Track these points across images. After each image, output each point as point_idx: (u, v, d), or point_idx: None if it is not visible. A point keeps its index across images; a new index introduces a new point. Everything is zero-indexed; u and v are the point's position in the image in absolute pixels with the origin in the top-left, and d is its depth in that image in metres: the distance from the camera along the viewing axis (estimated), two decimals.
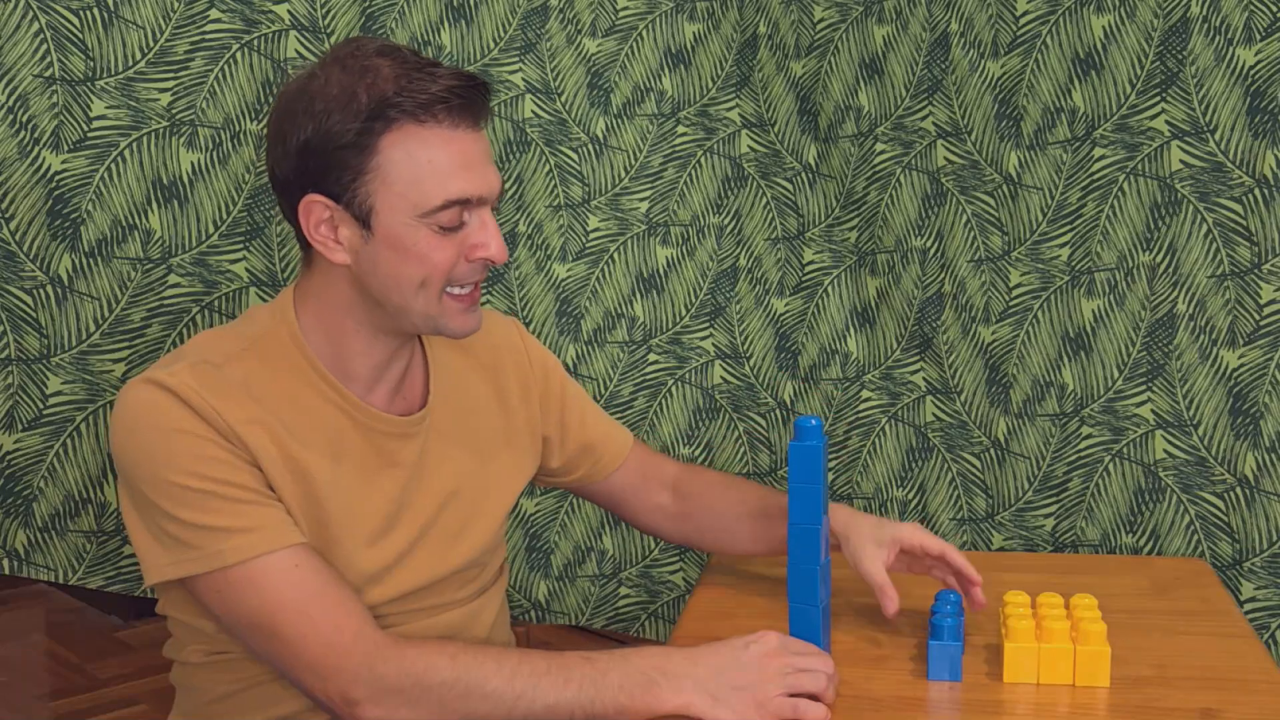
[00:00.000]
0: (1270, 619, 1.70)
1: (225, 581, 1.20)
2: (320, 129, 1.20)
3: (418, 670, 1.18)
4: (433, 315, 1.26)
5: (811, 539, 1.27)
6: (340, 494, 1.27)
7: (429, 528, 1.34)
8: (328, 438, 1.27)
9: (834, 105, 1.91)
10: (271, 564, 1.19)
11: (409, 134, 1.20)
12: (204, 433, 1.19)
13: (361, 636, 1.19)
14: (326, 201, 1.22)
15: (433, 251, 1.23)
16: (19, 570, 1.59)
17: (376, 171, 1.20)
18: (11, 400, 1.52)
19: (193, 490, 1.18)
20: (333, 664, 1.18)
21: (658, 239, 1.93)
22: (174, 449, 1.18)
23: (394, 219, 1.21)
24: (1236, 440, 1.70)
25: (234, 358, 1.25)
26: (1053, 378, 1.79)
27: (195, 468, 1.18)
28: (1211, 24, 1.66)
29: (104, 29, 1.51)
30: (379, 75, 1.20)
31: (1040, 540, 1.82)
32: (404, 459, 1.32)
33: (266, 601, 1.19)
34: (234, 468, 1.20)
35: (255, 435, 1.22)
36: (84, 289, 1.54)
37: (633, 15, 1.90)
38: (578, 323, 1.90)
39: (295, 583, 1.19)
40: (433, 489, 1.35)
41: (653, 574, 1.96)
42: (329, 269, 1.27)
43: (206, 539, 1.19)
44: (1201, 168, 1.69)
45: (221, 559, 1.19)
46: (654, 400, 1.92)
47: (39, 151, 1.49)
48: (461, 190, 1.22)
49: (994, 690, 1.29)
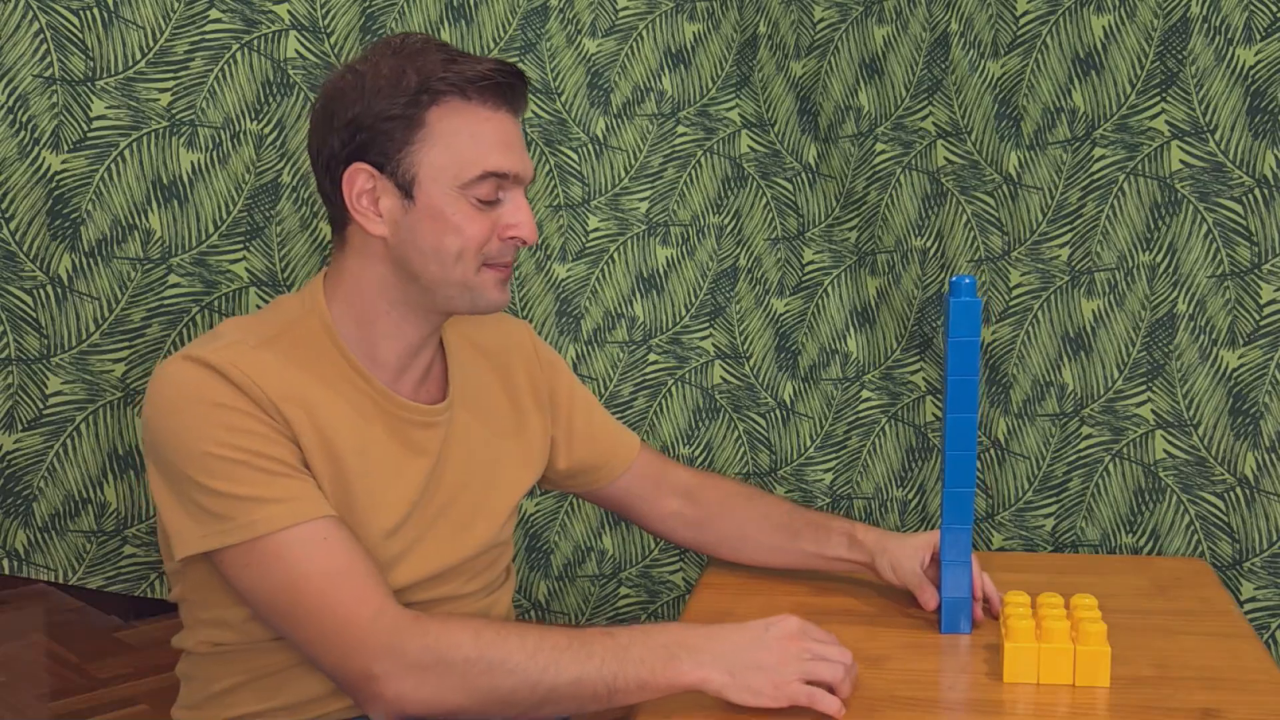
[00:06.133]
0: (1270, 619, 1.70)
1: (255, 553, 1.20)
2: (370, 104, 1.26)
3: (440, 647, 1.18)
4: (470, 285, 1.30)
5: (970, 390, 1.39)
6: (367, 480, 1.28)
7: (440, 517, 1.35)
8: (356, 424, 1.29)
9: (834, 105, 1.91)
10: (301, 535, 1.20)
11: (455, 108, 1.27)
12: (243, 405, 1.21)
13: (384, 613, 1.19)
14: (371, 171, 1.27)
15: (468, 224, 1.27)
16: (19, 570, 1.59)
17: (422, 143, 1.26)
18: (11, 400, 1.52)
19: (228, 460, 1.19)
20: (355, 640, 1.18)
21: (658, 239, 1.93)
22: (211, 420, 1.20)
23: (435, 188, 1.27)
24: (1236, 440, 1.70)
25: (268, 341, 1.27)
26: (1053, 378, 1.79)
27: (231, 439, 1.20)
28: (1211, 24, 1.66)
29: (104, 29, 1.51)
30: (427, 58, 1.27)
31: (1040, 540, 1.82)
32: (429, 447, 1.35)
33: (292, 575, 1.20)
34: (271, 440, 1.22)
35: (293, 411, 1.24)
36: (84, 289, 1.54)
37: (633, 15, 1.90)
38: (578, 323, 1.90)
39: (322, 556, 1.20)
40: (449, 479, 1.36)
41: (653, 574, 1.96)
42: (364, 246, 1.30)
43: (239, 509, 1.19)
44: (1202, 168, 1.69)
45: (253, 529, 1.19)
46: (654, 400, 1.92)
47: (39, 151, 1.49)
48: (499, 164, 1.28)
49: (994, 690, 1.29)
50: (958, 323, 1.36)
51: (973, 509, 1.40)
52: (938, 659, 1.38)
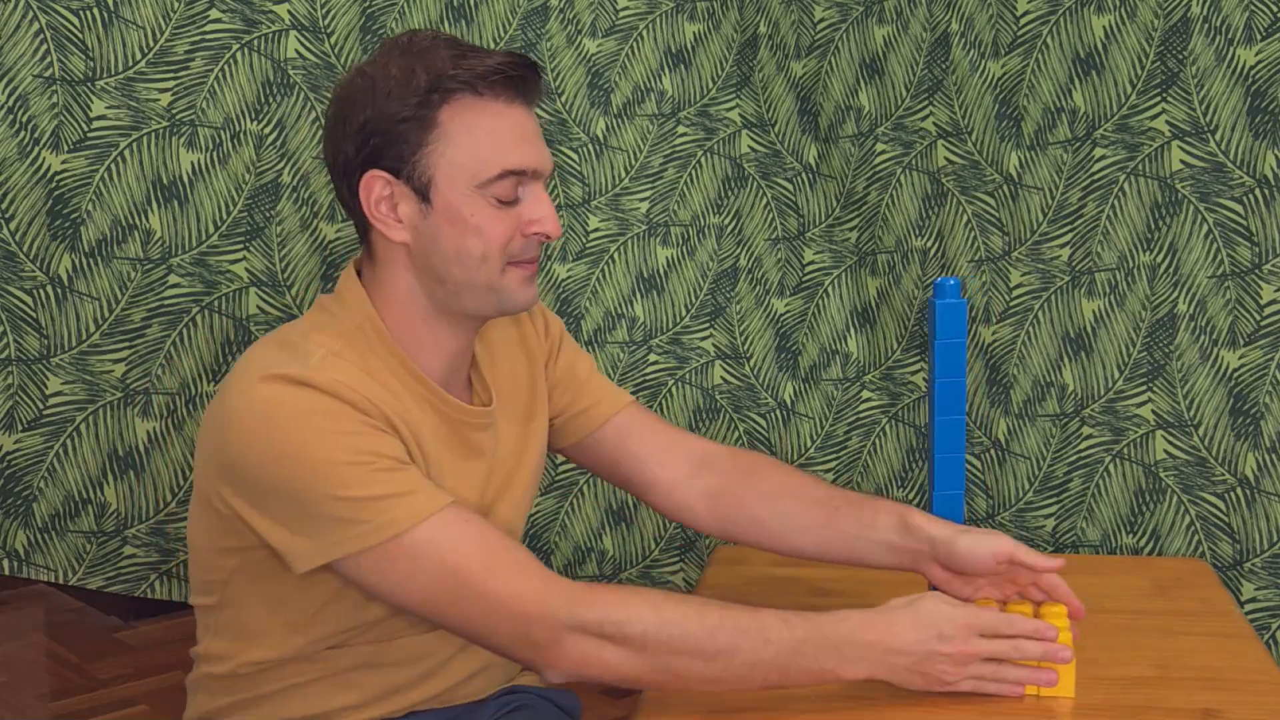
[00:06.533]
0: (1271, 619, 1.70)
1: (398, 551, 1.18)
2: (380, 107, 1.23)
3: (620, 617, 1.18)
4: (496, 287, 1.27)
5: (958, 392, 1.39)
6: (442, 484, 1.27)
7: (489, 515, 1.34)
8: (429, 428, 1.28)
9: (834, 105, 1.91)
10: (442, 523, 1.19)
11: (467, 105, 1.24)
12: (345, 411, 1.19)
13: (550, 580, 1.20)
14: (387, 177, 1.25)
15: (490, 225, 1.25)
16: (19, 570, 1.59)
17: (436, 144, 1.23)
18: (11, 400, 1.52)
19: (350, 465, 1.17)
20: (531, 609, 1.18)
21: (658, 239, 1.92)
22: (321, 430, 1.18)
23: (453, 190, 1.24)
24: (1237, 441, 1.70)
25: (338, 353, 1.24)
26: (1053, 378, 1.79)
27: (346, 444, 1.18)
28: (1212, 24, 1.66)
29: (104, 29, 1.51)
30: (436, 55, 1.24)
31: (1040, 541, 1.82)
32: (485, 448, 1.34)
33: (449, 560, 1.18)
34: (383, 439, 1.20)
35: (390, 409, 1.22)
36: (84, 289, 1.54)
37: (633, 15, 1.90)
38: (578, 323, 1.90)
39: (474, 536, 1.19)
40: (497, 478, 1.36)
41: (653, 574, 1.96)
42: (389, 254, 1.28)
43: (372, 511, 1.17)
44: (1202, 168, 1.69)
45: (394, 526, 1.17)
46: (654, 400, 1.92)
47: (39, 151, 1.49)
48: (518, 161, 1.25)
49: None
50: (944, 325, 1.36)
51: (963, 510, 1.40)
52: None
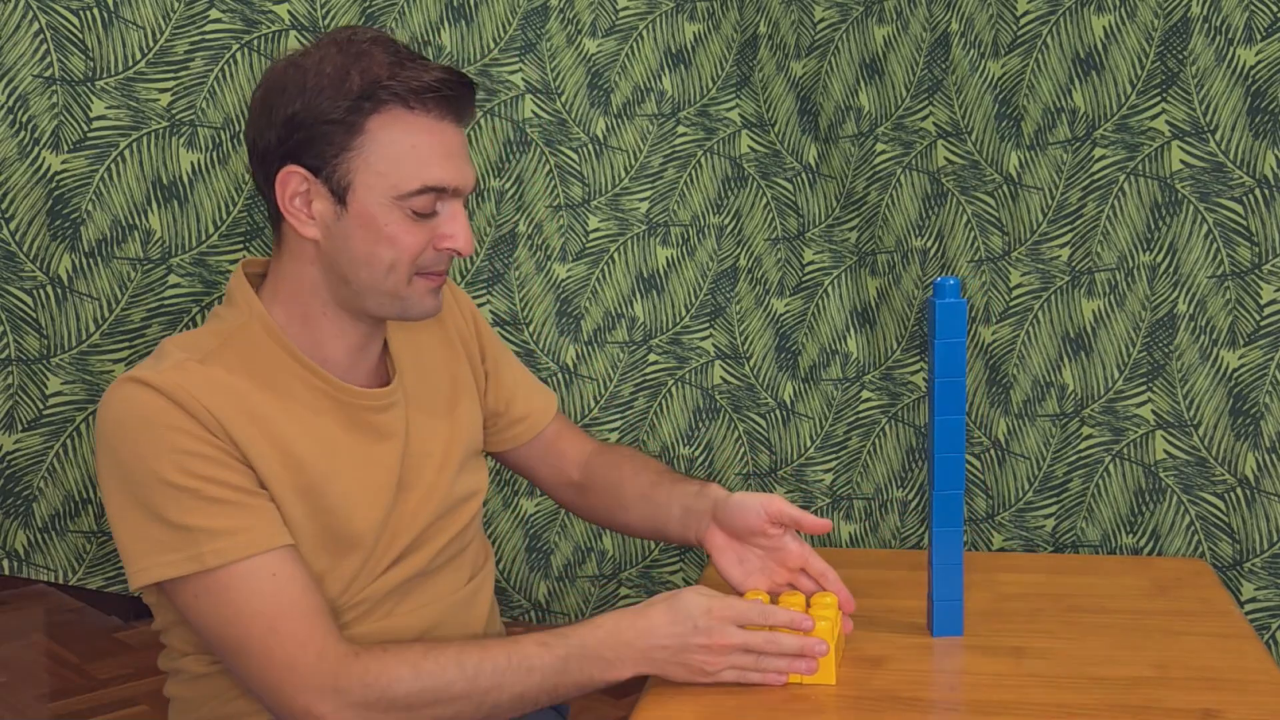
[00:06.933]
0: (1271, 619, 1.70)
1: (203, 586, 1.19)
2: (309, 104, 1.22)
3: (381, 684, 1.19)
4: (400, 296, 1.28)
5: (957, 392, 1.38)
6: (340, 480, 1.28)
7: (412, 487, 1.34)
8: (315, 426, 1.28)
9: (834, 105, 1.91)
10: (249, 570, 1.19)
11: (397, 117, 1.24)
12: (192, 429, 1.19)
13: (326, 654, 1.19)
14: (305, 174, 1.25)
15: (403, 235, 1.25)
16: (19, 570, 1.59)
17: (360, 150, 1.23)
18: (11, 400, 1.52)
19: (178, 488, 1.17)
20: (299, 681, 1.18)
21: (658, 239, 1.92)
22: (161, 445, 1.18)
23: (370, 198, 1.24)
24: (1237, 441, 1.70)
25: (214, 354, 1.25)
26: (1053, 378, 1.79)
27: (183, 464, 1.18)
28: (1212, 24, 1.66)
29: (104, 29, 1.51)
30: (373, 60, 1.23)
31: (1040, 541, 1.82)
32: (394, 429, 1.34)
33: (238, 612, 1.19)
34: (221, 464, 1.20)
35: (245, 431, 1.21)
36: (84, 289, 1.54)
37: (633, 15, 1.90)
38: (578, 323, 1.90)
39: (269, 593, 1.19)
40: (418, 451, 1.36)
41: (653, 574, 1.96)
42: (297, 247, 1.29)
43: (188, 541, 1.18)
44: (1202, 168, 1.69)
45: (201, 561, 1.18)
46: (654, 400, 1.92)
47: (39, 151, 1.49)
48: (439, 178, 1.25)
49: (993, 690, 1.29)
50: (944, 324, 1.36)
51: (963, 511, 1.40)
52: (933, 660, 1.37)
